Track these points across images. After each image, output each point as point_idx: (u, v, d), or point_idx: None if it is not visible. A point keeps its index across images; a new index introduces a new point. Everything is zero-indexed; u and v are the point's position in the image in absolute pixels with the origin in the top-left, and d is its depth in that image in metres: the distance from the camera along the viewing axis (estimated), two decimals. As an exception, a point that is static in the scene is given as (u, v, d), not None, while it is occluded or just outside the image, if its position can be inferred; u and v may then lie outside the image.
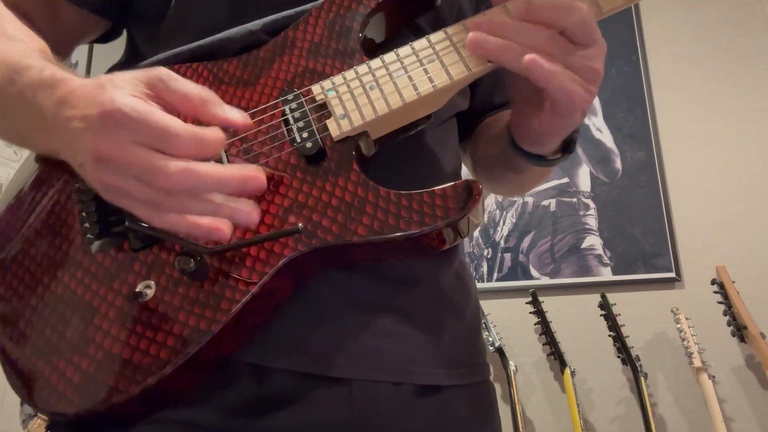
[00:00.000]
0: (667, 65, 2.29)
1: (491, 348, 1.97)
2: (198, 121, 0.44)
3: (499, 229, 2.29)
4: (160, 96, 0.44)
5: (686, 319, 1.88)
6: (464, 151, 0.80)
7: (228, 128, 0.46)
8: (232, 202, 0.44)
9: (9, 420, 2.01)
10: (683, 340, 1.84)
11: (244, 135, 0.55)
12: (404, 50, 0.55)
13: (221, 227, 0.44)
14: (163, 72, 0.45)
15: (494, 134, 0.73)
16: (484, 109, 0.77)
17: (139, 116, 0.42)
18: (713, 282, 1.88)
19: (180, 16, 0.63)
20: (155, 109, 0.43)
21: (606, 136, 2.27)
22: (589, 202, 2.22)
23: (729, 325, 1.84)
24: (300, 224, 0.49)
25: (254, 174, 0.44)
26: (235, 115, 0.46)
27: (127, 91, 0.43)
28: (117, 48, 0.75)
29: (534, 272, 2.20)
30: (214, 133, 0.44)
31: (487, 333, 1.99)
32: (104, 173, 0.43)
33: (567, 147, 0.63)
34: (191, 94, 0.45)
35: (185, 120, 0.43)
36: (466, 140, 0.78)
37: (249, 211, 0.45)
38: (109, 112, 0.42)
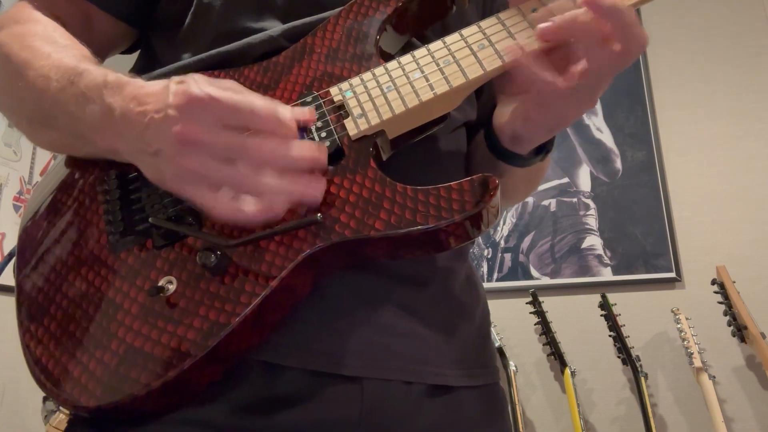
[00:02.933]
0: (667, 65, 2.29)
1: (491, 348, 1.97)
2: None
3: (499, 229, 2.29)
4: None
5: (686, 319, 1.89)
6: None
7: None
8: (300, 179, 0.47)
9: (9, 420, 2.01)
10: (683, 340, 1.85)
11: None
12: (420, 52, 0.56)
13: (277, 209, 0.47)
14: (230, 83, 0.48)
15: (478, 140, 0.74)
16: (482, 123, 0.77)
17: (226, 99, 0.45)
18: (713, 282, 1.88)
19: (198, 22, 0.65)
20: (238, 93, 0.45)
21: (606, 136, 2.28)
22: (590, 202, 2.22)
23: (729, 325, 1.84)
24: (318, 214, 0.50)
25: (322, 154, 0.47)
26: (301, 114, 0.49)
27: (203, 81, 0.46)
28: (123, 58, 0.77)
29: (534, 272, 2.20)
30: (288, 113, 0.47)
31: (487, 333, 1.99)
32: (186, 157, 0.45)
33: (542, 148, 0.64)
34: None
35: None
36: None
37: (317, 185, 0.48)
38: (196, 97, 0.44)
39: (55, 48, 0.58)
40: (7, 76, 0.59)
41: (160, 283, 0.51)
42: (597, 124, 2.30)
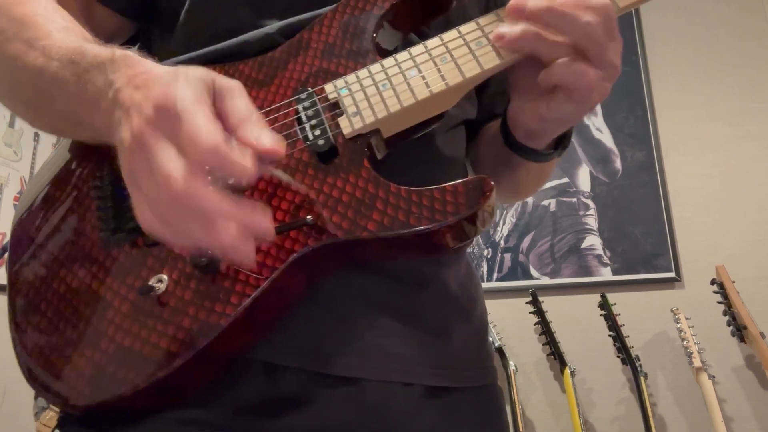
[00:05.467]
0: (667, 65, 2.29)
1: (491, 348, 1.97)
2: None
3: (499, 229, 2.29)
4: (218, 104, 0.43)
5: (686, 319, 1.89)
6: (466, 157, 0.80)
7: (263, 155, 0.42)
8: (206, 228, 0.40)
9: (9, 420, 2.01)
10: (683, 340, 1.85)
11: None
12: (417, 49, 0.55)
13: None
14: (235, 85, 0.44)
15: (492, 134, 0.73)
16: (486, 117, 0.76)
17: (186, 118, 0.40)
18: (713, 282, 1.88)
19: (194, 18, 0.64)
20: (202, 118, 0.40)
21: (606, 136, 2.28)
22: (589, 202, 2.22)
23: (729, 325, 1.84)
24: (309, 216, 0.49)
25: (244, 246, 0.40)
26: (265, 141, 0.41)
27: (192, 90, 0.41)
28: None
29: (534, 272, 2.20)
30: (242, 159, 0.40)
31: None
32: (133, 157, 0.42)
33: (560, 142, 0.63)
34: (236, 110, 0.43)
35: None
36: (467, 146, 0.79)
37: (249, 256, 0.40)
38: (163, 106, 0.40)
39: (56, 27, 0.55)
40: (4, 57, 0.56)
41: (150, 282, 0.50)
42: (597, 124, 2.30)
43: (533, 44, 0.52)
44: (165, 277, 0.50)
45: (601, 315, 1.96)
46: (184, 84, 0.42)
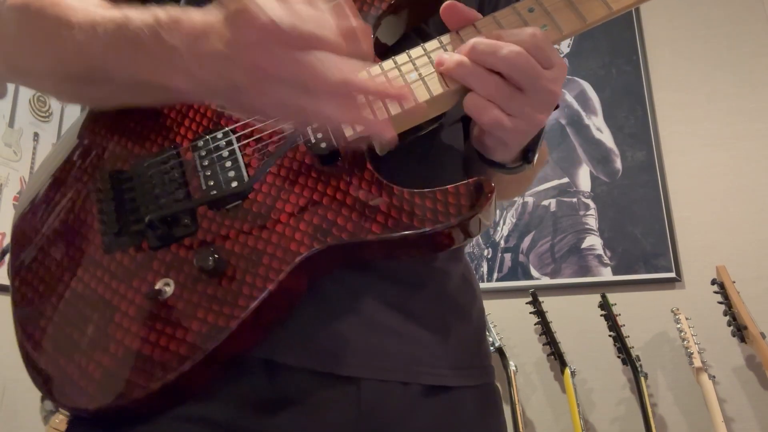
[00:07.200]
0: (668, 65, 2.29)
1: (491, 348, 1.97)
2: None
3: (499, 229, 2.29)
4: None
5: (686, 319, 1.88)
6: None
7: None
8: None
9: (9, 420, 2.01)
10: (683, 340, 1.85)
11: (259, 135, 0.55)
12: (416, 51, 0.56)
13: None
14: None
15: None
16: None
17: (295, 30, 0.43)
18: (713, 282, 1.88)
19: None
20: (305, 19, 0.44)
21: (606, 136, 2.27)
22: (590, 202, 2.22)
23: (729, 325, 1.84)
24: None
25: (401, 91, 0.48)
26: (355, 23, 0.48)
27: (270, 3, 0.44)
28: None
29: (534, 272, 2.20)
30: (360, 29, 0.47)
31: (487, 333, 1.99)
32: (268, 87, 0.45)
33: (526, 155, 0.63)
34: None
35: None
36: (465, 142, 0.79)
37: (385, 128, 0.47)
38: (261, 28, 0.43)
39: (85, 1, 0.54)
40: (42, 34, 0.55)
41: (157, 286, 0.51)
42: (597, 123, 2.30)
43: (464, 78, 0.52)
44: (171, 280, 0.51)
45: (601, 315, 1.96)
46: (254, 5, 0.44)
